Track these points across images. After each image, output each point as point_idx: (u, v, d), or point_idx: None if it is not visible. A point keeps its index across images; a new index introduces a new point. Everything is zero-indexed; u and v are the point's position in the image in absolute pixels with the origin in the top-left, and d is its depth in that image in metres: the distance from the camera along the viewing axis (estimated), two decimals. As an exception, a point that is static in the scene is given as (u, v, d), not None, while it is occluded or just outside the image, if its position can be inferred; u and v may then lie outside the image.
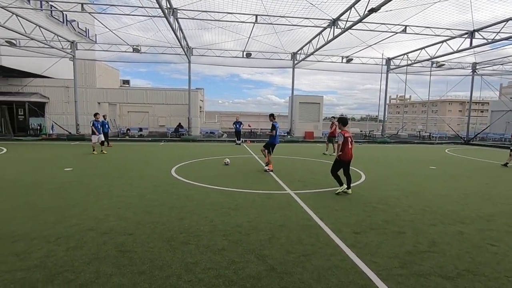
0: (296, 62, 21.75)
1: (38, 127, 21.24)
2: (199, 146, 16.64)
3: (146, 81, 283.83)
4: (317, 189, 6.58)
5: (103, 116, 15.32)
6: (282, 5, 13.16)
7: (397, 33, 15.39)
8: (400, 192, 6.47)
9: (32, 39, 15.66)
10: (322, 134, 23.90)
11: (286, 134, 23.39)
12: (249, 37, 17.42)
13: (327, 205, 5.37)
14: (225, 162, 9.74)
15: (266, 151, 8.75)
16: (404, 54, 21.21)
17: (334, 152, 10.73)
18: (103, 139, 12.59)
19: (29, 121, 21.45)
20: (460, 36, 15.58)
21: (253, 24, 15.00)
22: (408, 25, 14.98)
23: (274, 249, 3.50)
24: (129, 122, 26.79)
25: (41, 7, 17.42)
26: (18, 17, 14.24)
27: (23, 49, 17.41)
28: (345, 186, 6.22)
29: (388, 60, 22.72)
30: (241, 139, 18.57)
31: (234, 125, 18.03)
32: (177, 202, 5.36)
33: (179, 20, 14.74)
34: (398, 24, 14.88)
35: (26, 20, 14.70)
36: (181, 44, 17.22)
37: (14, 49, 17.13)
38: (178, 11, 13.86)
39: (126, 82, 31.56)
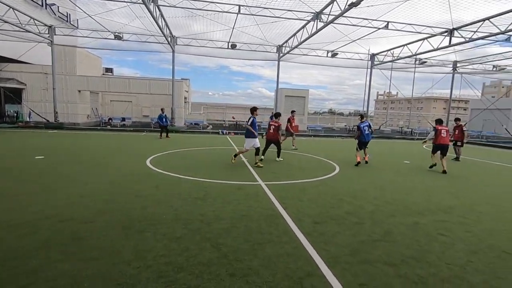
0: (281, 55, 21.70)
1: (15, 114, 20.56)
2: (181, 136, 16.48)
3: (134, 71, 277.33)
4: (289, 181, 6.67)
5: (161, 109, 15.30)
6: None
7: (379, 28, 15.53)
8: (370, 185, 6.61)
9: (5, 21, 14.96)
10: (307, 128, 24.11)
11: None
12: (233, 28, 17.21)
13: (295, 196, 5.46)
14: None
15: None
16: (388, 50, 21.48)
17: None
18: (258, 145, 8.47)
19: (5, 108, 20.72)
20: (440, 34, 15.89)
21: (236, 14, 14.80)
22: (390, 21, 15.14)
23: (231, 237, 3.55)
24: (112, 111, 26.25)
25: (17, -12, 16.65)
26: (-10, -2, 13.58)
27: (-3, 32, 16.64)
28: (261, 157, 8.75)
29: (373, 55, 22.96)
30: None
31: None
32: (144, 191, 5.32)
33: (161, 7, 14.38)
34: (381, 20, 15.01)
35: (-1, 1, 14.02)
36: (163, 33, 16.86)
37: (-14, 32, 16.38)
38: (159, -3, 13.51)
39: (109, 70, 30.69)
